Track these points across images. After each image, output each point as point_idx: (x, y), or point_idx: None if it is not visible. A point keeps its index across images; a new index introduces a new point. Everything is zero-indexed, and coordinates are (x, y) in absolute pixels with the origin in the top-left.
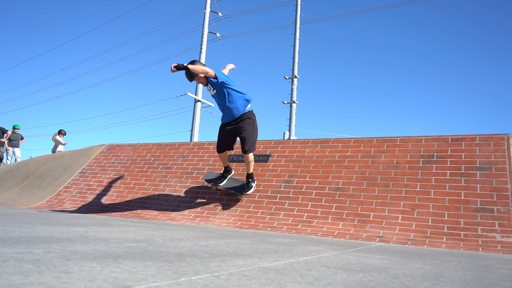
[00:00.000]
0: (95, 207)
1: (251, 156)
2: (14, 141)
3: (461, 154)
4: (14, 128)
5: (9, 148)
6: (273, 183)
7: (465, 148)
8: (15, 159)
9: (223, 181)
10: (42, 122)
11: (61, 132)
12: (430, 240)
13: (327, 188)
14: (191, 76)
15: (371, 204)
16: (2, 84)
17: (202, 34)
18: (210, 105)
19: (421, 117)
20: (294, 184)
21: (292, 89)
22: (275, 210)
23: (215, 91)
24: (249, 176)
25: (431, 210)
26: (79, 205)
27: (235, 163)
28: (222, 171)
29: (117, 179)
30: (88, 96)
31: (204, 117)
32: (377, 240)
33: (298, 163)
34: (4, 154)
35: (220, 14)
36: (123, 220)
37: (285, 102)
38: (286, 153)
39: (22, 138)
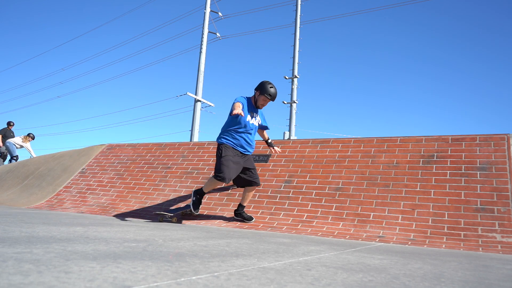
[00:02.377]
0: (95, 207)
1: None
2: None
3: (461, 154)
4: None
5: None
6: (273, 183)
7: (465, 148)
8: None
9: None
10: (42, 122)
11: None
12: (430, 240)
13: (327, 188)
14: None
15: (371, 204)
16: (2, 84)
17: (202, 34)
18: (210, 105)
19: (421, 117)
20: (294, 184)
21: (292, 89)
22: (275, 210)
23: (256, 120)
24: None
25: (431, 210)
26: (79, 205)
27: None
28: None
29: (117, 179)
30: (88, 96)
31: (204, 117)
32: (377, 240)
33: (298, 163)
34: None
35: (220, 14)
36: (123, 220)
37: (285, 102)
38: (286, 153)
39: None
